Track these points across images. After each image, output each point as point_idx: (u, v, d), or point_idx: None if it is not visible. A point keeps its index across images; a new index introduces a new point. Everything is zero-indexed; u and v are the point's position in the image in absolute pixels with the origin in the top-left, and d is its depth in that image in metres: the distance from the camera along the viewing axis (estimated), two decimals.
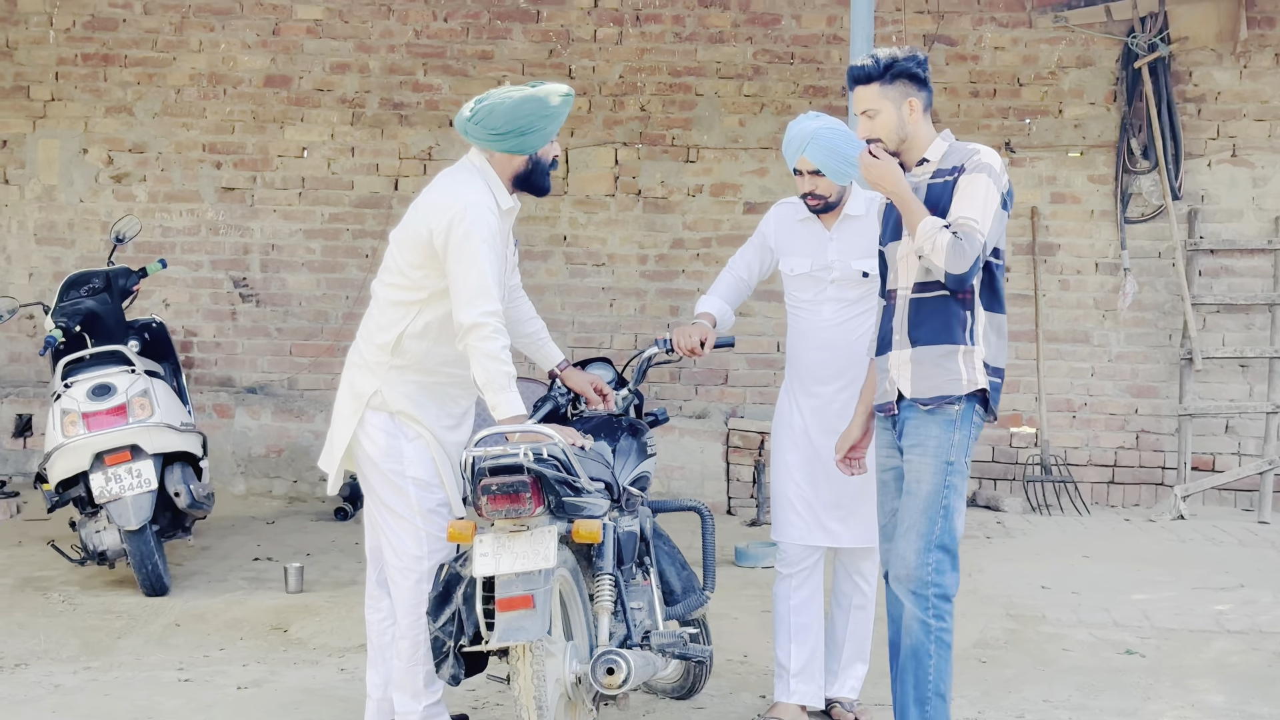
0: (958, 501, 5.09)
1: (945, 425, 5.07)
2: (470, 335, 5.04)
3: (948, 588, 5.05)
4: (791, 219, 5.98)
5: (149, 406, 7.63)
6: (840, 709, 5.98)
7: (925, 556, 5.03)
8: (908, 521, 5.10)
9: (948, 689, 5.07)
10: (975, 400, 5.10)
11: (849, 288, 5.83)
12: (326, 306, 10.79)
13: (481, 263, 5.06)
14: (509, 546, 4.74)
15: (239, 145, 10.82)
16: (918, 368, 5.11)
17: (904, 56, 5.12)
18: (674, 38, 10.65)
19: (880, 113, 5.12)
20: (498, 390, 5.03)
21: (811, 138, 5.69)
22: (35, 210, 10.88)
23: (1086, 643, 7.11)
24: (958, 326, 5.08)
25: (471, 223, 5.08)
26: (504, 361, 5.04)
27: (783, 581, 6.00)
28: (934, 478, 5.07)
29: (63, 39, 10.83)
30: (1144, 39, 10.24)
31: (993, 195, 5.00)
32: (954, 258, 4.90)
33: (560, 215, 10.73)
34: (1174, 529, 9.60)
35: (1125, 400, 10.52)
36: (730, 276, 6.13)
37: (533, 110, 5.20)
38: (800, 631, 5.94)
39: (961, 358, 5.07)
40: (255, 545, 8.89)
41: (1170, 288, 10.41)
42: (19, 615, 7.25)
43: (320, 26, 10.75)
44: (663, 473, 10.12)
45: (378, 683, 5.56)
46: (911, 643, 5.05)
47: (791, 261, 5.94)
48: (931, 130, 5.19)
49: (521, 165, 5.30)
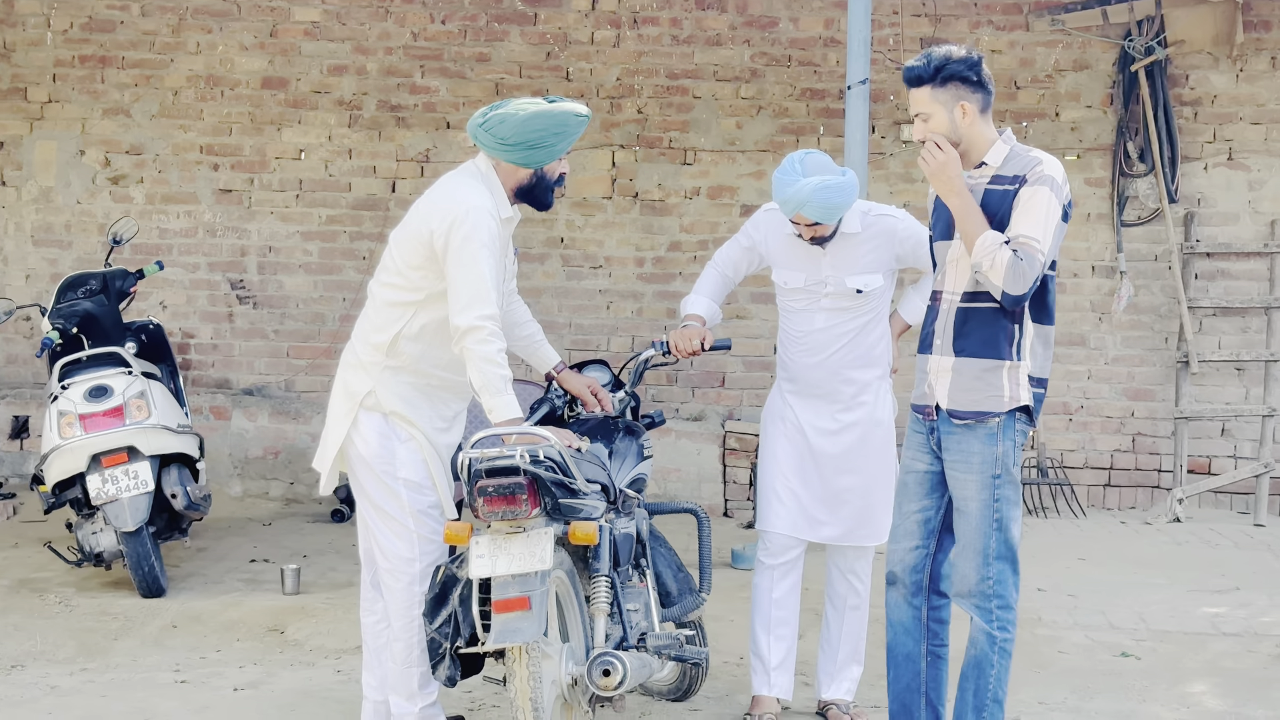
0: (1011, 511, 5.03)
1: (987, 440, 5.01)
2: (467, 338, 5.04)
3: (1009, 598, 5.05)
4: (782, 230, 5.94)
5: (146, 408, 7.63)
6: (836, 710, 6.00)
7: (985, 571, 5.02)
8: (963, 539, 5.07)
9: (1004, 695, 5.09)
10: (1016, 412, 5.04)
11: (842, 300, 5.85)
12: (323, 308, 10.79)
13: (480, 266, 5.06)
14: (505, 548, 4.74)
15: (236, 147, 10.82)
16: (958, 378, 5.05)
17: (956, 59, 4.97)
18: (671, 40, 10.66)
19: (933, 116, 4.99)
20: (494, 394, 5.03)
21: (805, 204, 5.62)
22: (32, 212, 10.88)
23: (1082, 645, 7.12)
24: (1005, 341, 5.00)
25: (473, 225, 5.08)
26: (500, 365, 5.04)
27: (764, 573, 6.03)
28: (981, 493, 5.03)
29: (60, 40, 10.83)
30: (1141, 42, 10.25)
31: (1054, 210, 4.89)
32: (1013, 278, 4.81)
33: (557, 218, 10.73)
34: (1170, 532, 9.61)
35: (1121, 403, 10.53)
36: (715, 274, 6.13)
37: (544, 126, 5.21)
38: (780, 625, 5.99)
39: (1006, 373, 4.99)
40: (252, 547, 8.90)
41: (1166, 291, 10.42)
42: (15, 616, 7.25)
43: (318, 28, 10.76)
44: (660, 475, 10.13)
45: (374, 684, 5.57)
46: (976, 654, 5.07)
47: (785, 274, 5.93)
48: (993, 133, 5.03)
49: (526, 178, 5.31)
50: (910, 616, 5.30)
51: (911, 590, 5.27)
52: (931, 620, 5.28)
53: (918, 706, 5.33)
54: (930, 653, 5.30)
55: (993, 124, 5.04)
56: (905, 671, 5.33)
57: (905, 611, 5.30)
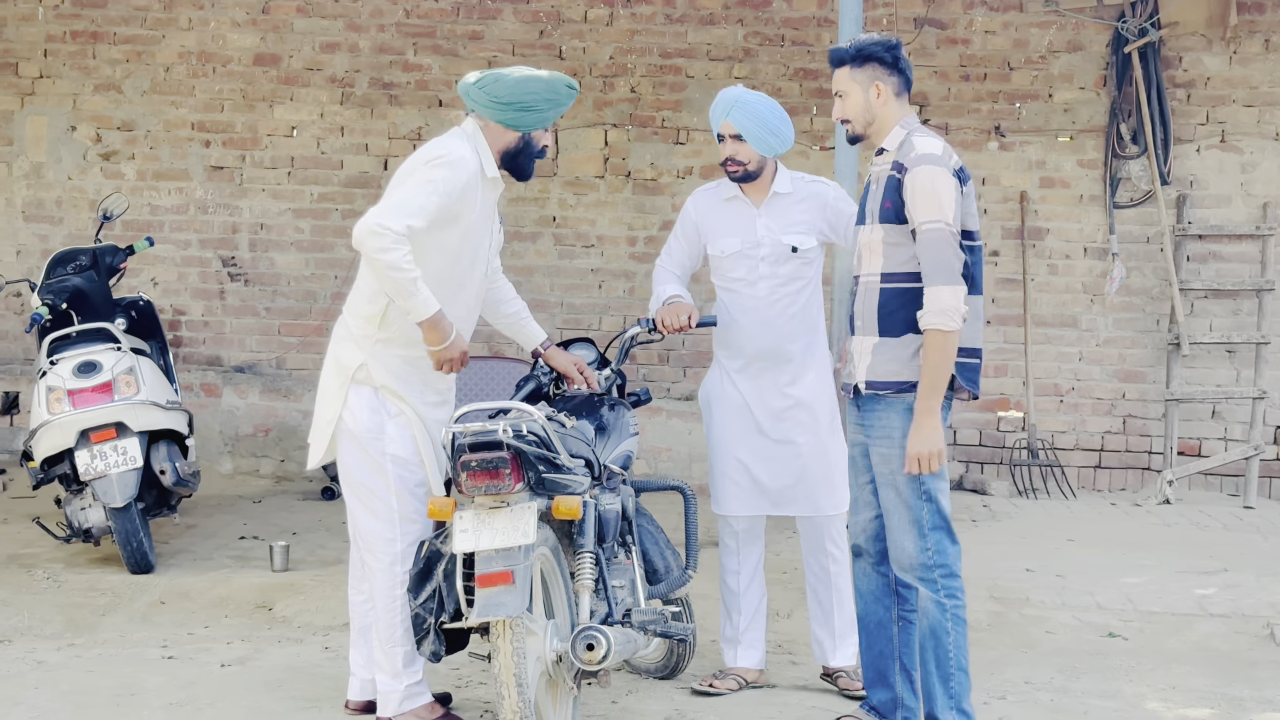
0: (938, 483, 5.13)
1: (905, 413, 5.11)
2: (369, 240, 4.98)
3: (952, 565, 5.15)
4: (715, 200, 6.10)
5: (134, 384, 7.62)
6: (847, 678, 6.03)
7: (922, 543, 5.12)
8: (896, 515, 5.17)
9: (967, 663, 5.16)
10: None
11: (780, 264, 5.93)
12: (315, 286, 10.78)
13: (419, 189, 5.10)
14: (489, 523, 4.75)
15: (228, 124, 10.80)
16: (879, 354, 5.18)
17: (874, 41, 5.24)
18: (664, 19, 10.64)
19: (849, 95, 5.26)
20: (408, 296, 5.03)
21: (735, 102, 5.84)
22: (23, 188, 10.86)
23: (1069, 625, 7.12)
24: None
25: (440, 162, 5.17)
26: (407, 269, 5.00)
27: (729, 555, 6.13)
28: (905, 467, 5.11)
29: (51, 16, 10.80)
30: (1134, 24, 10.23)
31: (942, 181, 5.05)
32: (948, 291, 4.97)
33: (550, 196, 10.72)
34: (1159, 513, 9.62)
35: (1112, 385, 10.53)
36: (665, 274, 6.20)
37: (538, 90, 5.28)
38: (747, 603, 6.09)
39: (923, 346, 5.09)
40: (242, 524, 8.89)
41: (1158, 273, 10.42)
42: (3, 592, 7.25)
43: (310, 5, 10.73)
44: (650, 454, 10.13)
45: (361, 662, 5.57)
46: (929, 623, 5.14)
47: (721, 242, 6.03)
48: (902, 116, 5.24)
49: (513, 142, 5.35)
50: (879, 584, 5.38)
51: (876, 559, 5.36)
52: (900, 585, 5.34)
53: (892, 671, 5.41)
54: (900, 618, 5.39)
55: (907, 108, 5.26)
56: (878, 638, 5.40)
57: (873, 580, 5.38)
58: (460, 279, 5.33)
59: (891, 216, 5.13)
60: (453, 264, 5.27)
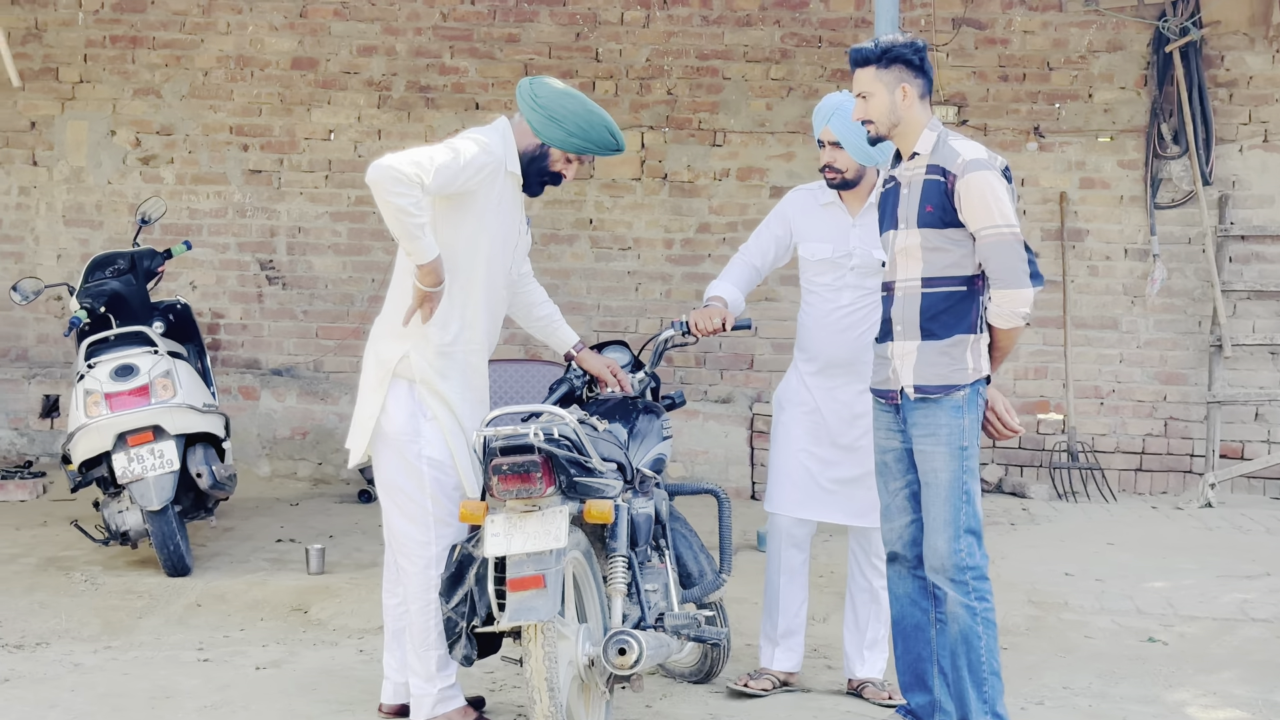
0: (974, 484, 5.17)
1: (953, 412, 5.14)
2: (385, 182, 4.98)
3: (982, 567, 5.15)
4: (813, 204, 6.05)
5: (171, 387, 7.64)
6: (873, 688, 6.00)
7: (956, 544, 5.12)
8: (935, 513, 5.17)
9: (999, 666, 5.16)
10: (980, 384, 5.19)
11: (867, 276, 5.89)
12: (352, 289, 10.80)
13: (439, 149, 5.11)
14: (520, 526, 4.73)
15: (266, 128, 10.84)
16: (923, 357, 5.18)
17: (902, 43, 5.20)
18: (701, 21, 10.61)
19: (874, 95, 5.21)
20: (412, 239, 5.04)
21: (836, 109, 5.80)
22: (64, 192, 10.92)
23: (1108, 630, 7.06)
24: (972, 316, 5.17)
25: (466, 135, 5.22)
26: (416, 214, 5.00)
27: (774, 556, 6.10)
28: (950, 464, 5.15)
29: (91, 21, 10.86)
30: (1175, 23, 10.15)
31: (995, 185, 5.06)
32: (1019, 294, 5.04)
33: (586, 199, 10.71)
34: (1201, 517, 9.53)
35: (1154, 387, 10.44)
36: (742, 264, 6.15)
37: (574, 109, 5.29)
38: (788, 605, 6.07)
39: (970, 347, 5.16)
40: (279, 527, 8.91)
41: (1200, 274, 10.33)
42: (41, 594, 7.28)
43: (347, 9, 10.75)
44: (686, 457, 10.11)
45: (394, 665, 5.56)
46: (960, 628, 5.13)
47: (813, 246, 5.99)
48: (927, 118, 5.22)
49: (533, 147, 5.36)
50: (915, 588, 5.37)
51: (913, 563, 5.36)
52: (936, 588, 5.30)
53: (930, 675, 5.38)
54: (938, 620, 5.35)
55: (929, 109, 5.22)
56: (915, 642, 5.39)
57: (910, 584, 5.38)
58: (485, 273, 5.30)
59: (934, 221, 5.11)
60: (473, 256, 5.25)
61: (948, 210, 5.08)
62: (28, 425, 10.58)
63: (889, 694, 5.93)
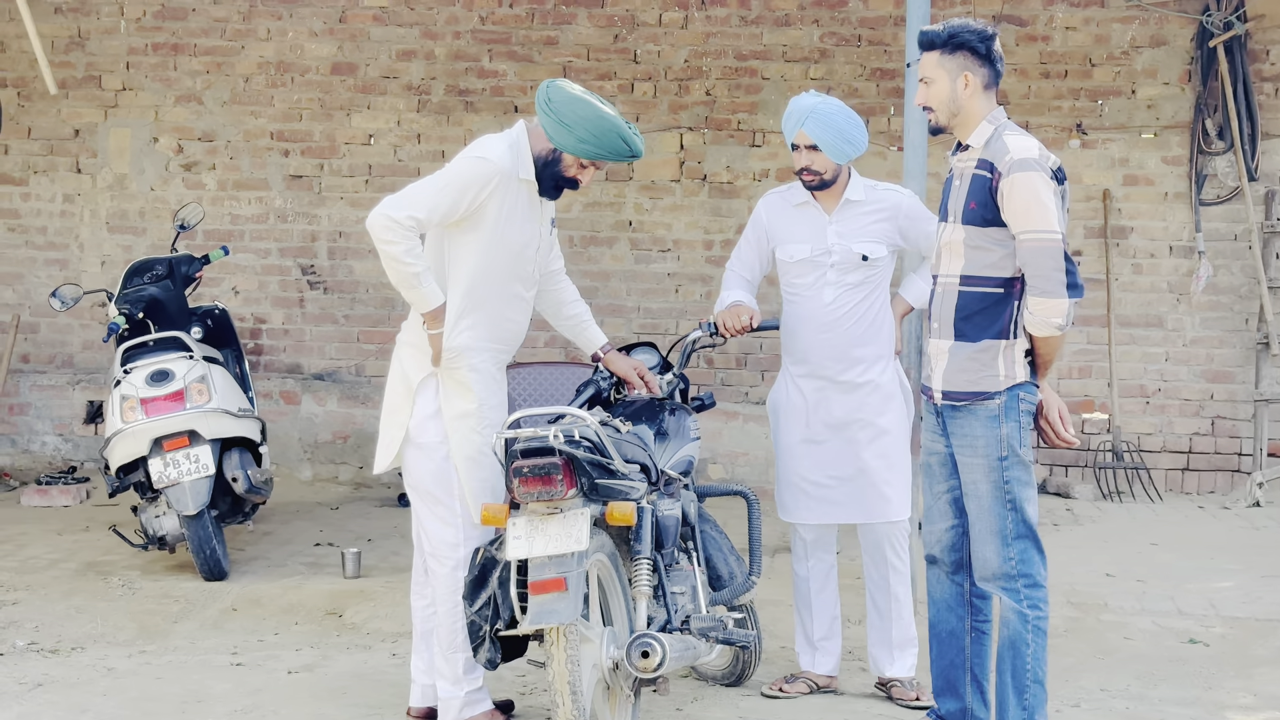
0: (1023, 490, 5.03)
1: (989, 422, 5.02)
2: (376, 231, 5.15)
3: (1036, 575, 5.04)
4: (786, 205, 6.03)
5: (206, 392, 7.66)
6: (901, 687, 5.97)
7: (1005, 551, 5.02)
8: (980, 524, 5.08)
9: (1045, 675, 5.07)
10: (1018, 389, 5.03)
11: (848, 272, 5.86)
12: (393, 294, 10.72)
13: (430, 183, 5.21)
14: (542, 529, 4.72)
15: (306, 133, 10.87)
16: (953, 360, 5.08)
17: (969, 29, 5.04)
18: (740, 21, 10.57)
19: (935, 82, 5.08)
20: (410, 288, 5.19)
21: (810, 112, 5.75)
22: (107, 199, 10.99)
23: (1149, 631, 6.97)
24: (1005, 320, 5.04)
25: (465, 164, 5.24)
26: (411, 263, 5.14)
27: (799, 563, 6.10)
28: (990, 476, 5.04)
29: (133, 29, 10.92)
30: (1219, 17, 10.03)
31: (1042, 187, 4.91)
32: (1055, 304, 4.89)
33: (625, 201, 10.69)
34: (1248, 516, 9.41)
35: (1200, 385, 10.32)
36: (736, 277, 6.14)
37: (585, 115, 5.24)
38: (821, 608, 6.06)
39: (1002, 353, 5.03)
40: (318, 531, 8.93)
41: (1246, 271, 10.20)
42: (78, 599, 7.32)
43: (386, 14, 10.77)
44: (727, 459, 10.08)
45: (422, 668, 5.57)
46: (1009, 634, 5.05)
47: (790, 248, 5.96)
48: (988, 110, 5.07)
49: (546, 152, 5.35)
50: (952, 593, 5.27)
51: (951, 568, 5.27)
52: (974, 596, 5.24)
53: (962, 683, 5.31)
54: (974, 628, 5.29)
55: (994, 102, 5.08)
56: (949, 648, 5.30)
57: (947, 588, 5.28)
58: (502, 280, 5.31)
59: (977, 219, 5.00)
60: (488, 265, 5.26)
61: (990, 208, 4.96)
62: (73, 431, 10.66)
63: (917, 694, 5.89)
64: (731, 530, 6.08)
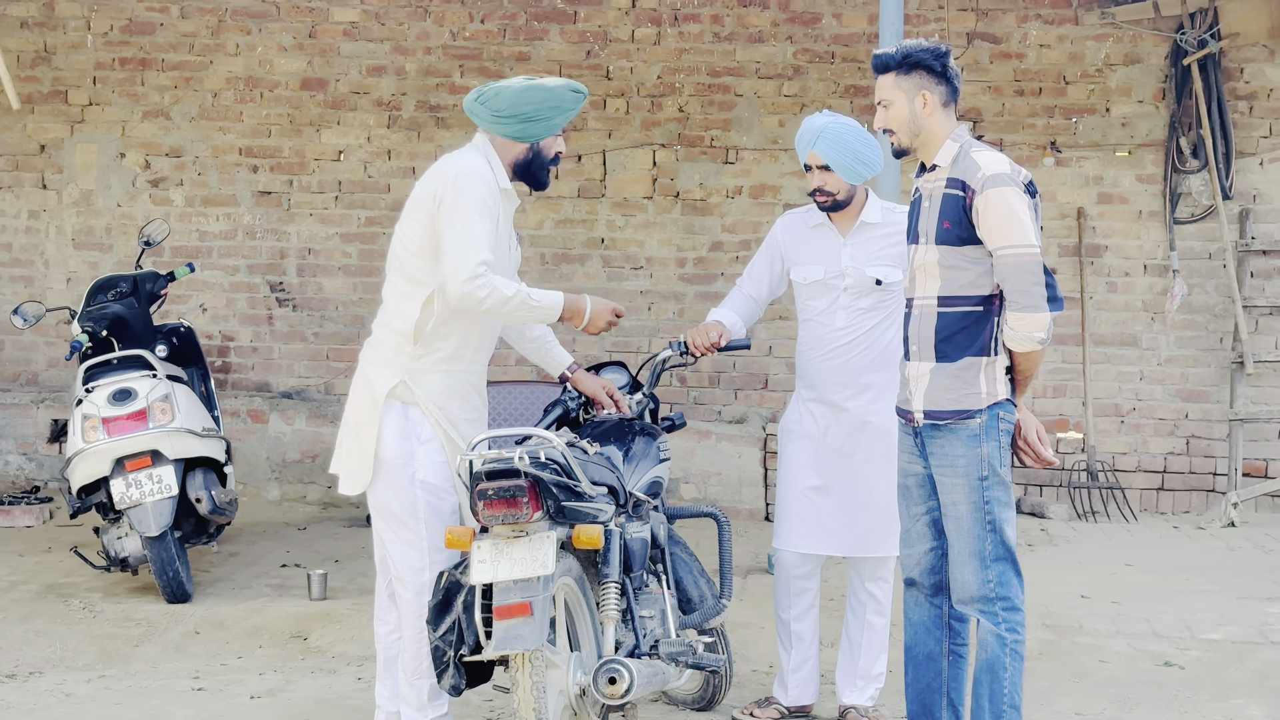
0: (1003, 512, 4.97)
1: (970, 441, 4.95)
2: (471, 299, 4.95)
3: (1014, 598, 4.97)
4: (803, 226, 5.94)
5: (170, 411, 7.54)
6: (855, 714, 5.89)
7: (984, 574, 4.95)
8: (956, 545, 5.02)
9: (1020, 700, 5.00)
10: (998, 408, 4.97)
11: (861, 296, 5.78)
12: (363, 311, 10.70)
13: (466, 223, 4.99)
14: (507, 553, 4.62)
15: (275, 149, 10.76)
16: (935, 380, 5.01)
17: (922, 48, 5.00)
18: (713, 38, 10.50)
19: (894, 103, 5.03)
20: (531, 310, 5.09)
21: (821, 132, 5.66)
22: (73, 215, 10.86)
23: (1124, 654, 6.90)
24: (985, 337, 4.98)
25: (464, 186, 5.03)
26: (513, 295, 5.01)
27: (781, 589, 6.00)
28: (970, 496, 4.97)
29: (100, 43, 10.80)
30: (1193, 35, 10.00)
31: (1017, 202, 4.86)
32: (1036, 318, 4.83)
33: (598, 218, 10.61)
34: (1223, 537, 9.36)
35: (1175, 405, 10.28)
36: (740, 295, 6.07)
37: (540, 99, 5.14)
38: (799, 638, 5.96)
39: (983, 370, 4.97)
40: (285, 551, 8.80)
41: (1221, 289, 10.17)
42: (39, 622, 7.18)
43: (356, 29, 10.68)
44: (700, 478, 9.99)
45: (386, 694, 5.45)
46: (987, 657, 4.98)
47: (804, 270, 5.88)
48: (950, 127, 5.03)
49: (522, 153, 5.23)
50: (930, 616, 5.20)
51: (930, 591, 5.20)
52: (952, 619, 5.17)
53: (938, 706, 5.23)
54: (951, 652, 5.22)
55: (954, 120, 5.04)
56: (925, 671, 5.23)
57: (925, 611, 5.21)
58: None
59: (951, 238, 4.94)
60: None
61: (965, 226, 4.91)
62: (36, 450, 10.51)
63: None
64: (702, 552, 5.99)
